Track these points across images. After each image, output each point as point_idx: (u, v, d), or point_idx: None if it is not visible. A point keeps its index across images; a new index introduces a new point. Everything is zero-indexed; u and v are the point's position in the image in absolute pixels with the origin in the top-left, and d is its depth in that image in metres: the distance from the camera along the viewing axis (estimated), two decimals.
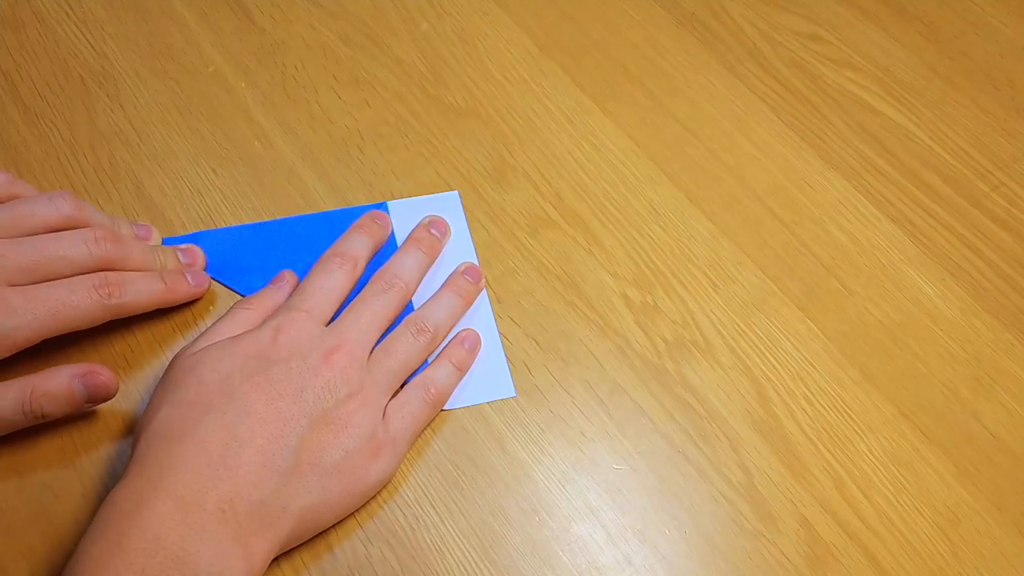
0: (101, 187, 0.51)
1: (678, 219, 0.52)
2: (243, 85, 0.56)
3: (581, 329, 0.48)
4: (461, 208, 0.51)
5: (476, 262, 0.50)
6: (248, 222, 0.50)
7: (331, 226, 0.50)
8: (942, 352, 0.48)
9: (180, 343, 0.46)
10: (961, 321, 0.49)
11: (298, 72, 0.56)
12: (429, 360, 0.46)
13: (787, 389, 0.46)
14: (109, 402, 0.45)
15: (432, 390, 0.44)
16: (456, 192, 0.52)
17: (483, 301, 0.48)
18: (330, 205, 0.51)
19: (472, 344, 0.47)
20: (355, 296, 0.46)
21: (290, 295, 0.46)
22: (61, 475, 0.43)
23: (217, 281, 0.49)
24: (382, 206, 0.51)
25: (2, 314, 0.40)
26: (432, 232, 0.49)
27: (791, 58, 0.58)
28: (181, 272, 0.47)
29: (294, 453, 0.39)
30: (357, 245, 0.48)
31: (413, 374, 0.45)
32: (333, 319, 0.45)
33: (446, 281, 0.48)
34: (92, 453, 0.43)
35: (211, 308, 0.48)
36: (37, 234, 0.44)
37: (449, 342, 0.46)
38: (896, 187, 0.53)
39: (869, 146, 0.54)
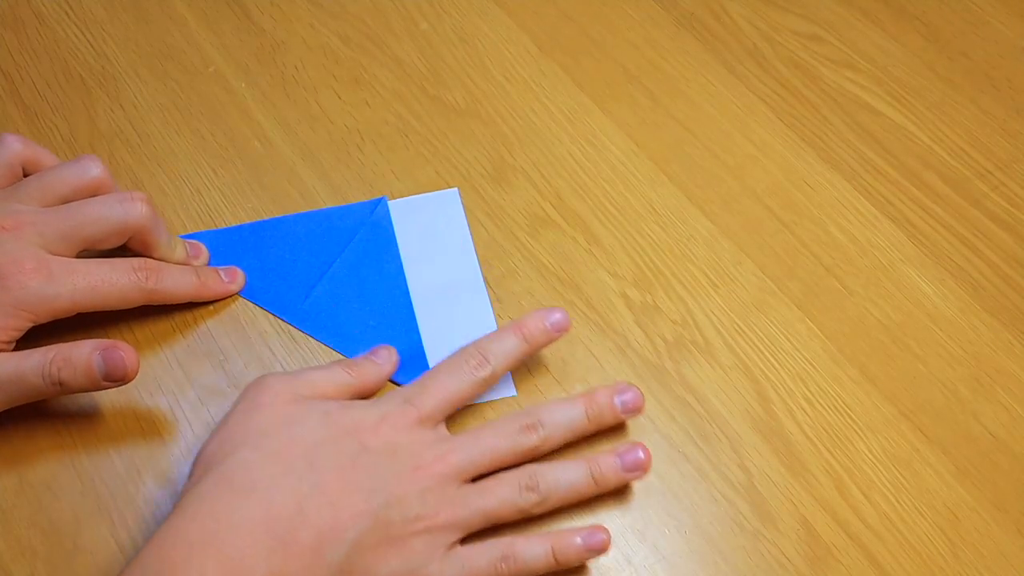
0: None
1: (678, 219, 0.52)
2: (243, 85, 0.56)
3: (581, 329, 0.48)
4: (461, 206, 0.51)
5: (476, 262, 0.50)
6: (248, 222, 0.51)
7: (330, 223, 0.50)
8: (942, 352, 0.48)
9: (180, 342, 0.47)
10: (961, 321, 0.49)
11: (298, 72, 0.56)
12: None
13: (787, 389, 0.46)
14: (109, 403, 0.45)
15: (511, 563, 0.39)
16: (455, 190, 0.52)
17: (483, 301, 0.48)
18: (330, 205, 0.51)
19: (588, 548, 0.40)
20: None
21: (411, 382, 0.43)
22: (61, 475, 0.43)
23: None
24: (381, 201, 0.51)
25: (44, 279, 0.41)
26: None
27: (791, 58, 0.58)
28: (215, 270, 0.48)
29: (349, 551, 0.37)
30: (501, 349, 0.43)
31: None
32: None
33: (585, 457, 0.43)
34: (92, 453, 0.43)
35: (210, 307, 0.48)
36: (70, 199, 0.44)
37: (563, 531, 0.40)
38: (896, 187, 0.53)
39: (869, 146, 0.54)
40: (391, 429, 0.40)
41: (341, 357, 0.46)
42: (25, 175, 0.46)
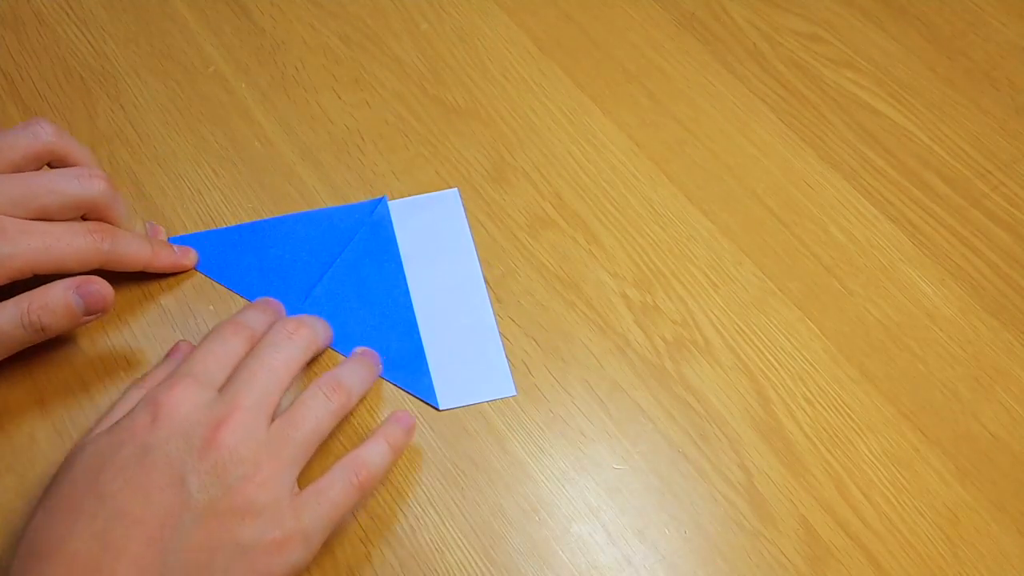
0: None
1: (678, 219, 0.52)
2: (243, 85, 0.56)
3: (581, 329, 0.48)
4: (461, 206, 0.51)
5: (476, 262, 0.50)
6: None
7: (330, 223, 0.50)
8: (942, 352, 0.48)
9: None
10: (961, 321, 0.49)
11: (298, 72, 0.56)
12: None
13: (787, 389, 0.46)
14: (108, 402, 0.45)
15: (363, 474, 0.38)
16: (455, 190, 0.52)
17: (483, 301, 0.48)
18: (330, 205, 0.51)
19: (409, 426, 0.42)
20: None
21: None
22: None
23: (218, 283, 0.49)
24: (381, 201, 0.51)
25: None
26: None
27: (791, 58, 0.58)
28: (169, 244, 0.47)
29: (178, 556, 0.33)
30: (253, 320, 0.42)
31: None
32: None
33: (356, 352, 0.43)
34: None
35: (210, 307, 0.48)
36: (22, 165, 0.43)
37: (386, 420, 0.41)
38: (895, 187, 0.53)
39: (869, 146, 0.54)
40: (168, 412, 0.36)
41: (342, 358, 0.46)
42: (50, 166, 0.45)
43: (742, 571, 0.42)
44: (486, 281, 0.49)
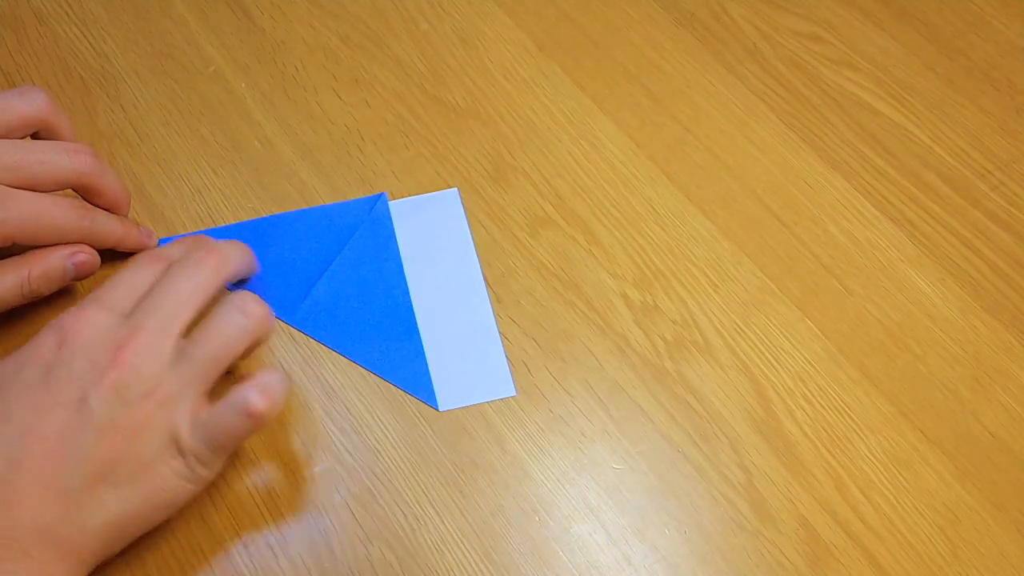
0: None
1: (678, 219, 0.52)
2: (243, 85, 0.56)
3: (581, 329, 0.48)
4: (461, 206, 0.51)
5: (476, 262, 0.50)
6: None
7: (329, 220, 0.50)
8: (942, 352, 0.48)
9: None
10: (961, 321, 0.49)
11: (298, 72, 0.56)
12: None
13: (787, 389, 0.46)
14: None
15: (258, 401, 0.37)
16: (455, 189, 0.52)
17: (483, 301, 0.48)
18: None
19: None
20: None
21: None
22: None
23: None
24: (380, 197, 0.51)
25: None
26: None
27: (791, 58, 0.58)
28: (136, 223, 0.48)
29: (81, 469, 0.35)
30: (171, 251, 0.42)
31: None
32: None
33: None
34: None
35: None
36: (12, 130, 0.43)
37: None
38: (896, 187, 0.53)
39: (869, 146, 0.54)
40: (73, 335, 0.36)
41: (342, 359, 0.46)
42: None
43: (742, 571, 0.42)
44: (486, 281, 0.49)
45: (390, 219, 0.51)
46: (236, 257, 0.42)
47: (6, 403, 0.36)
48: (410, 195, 0.52)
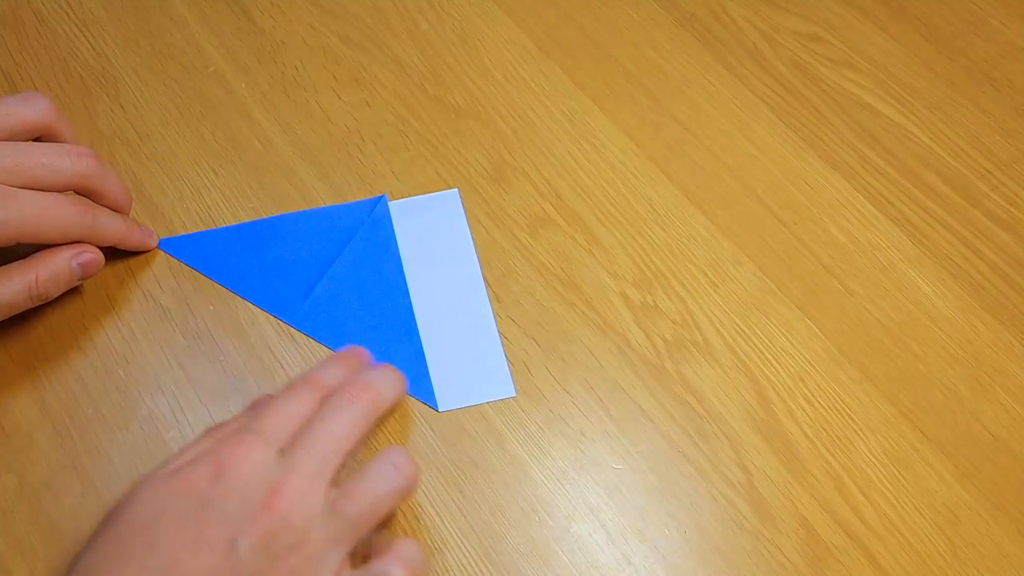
0: None
1: (678, 219, 0.52)
2: (243, 85, 0.56)
3: (581, 329, 0.48)
4: (461, 207, 0.51)
5: (476, 263, 0.50)
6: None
7: (329, 222, 0.50)
8: (942, 352, 0.48)
9: (180, 343, 0.47)
10: (961, 321, 0.49)
11: (298, 72, 0.56)
12: None
13: (787, 389, 0.46)
14: (109, 402, 0.45)
15: (410, 566, 0.36)
16: (456, 190, 0.52)
17: (483, 301, 0.48)
18: (330, 204, 0.51)
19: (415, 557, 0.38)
20: None
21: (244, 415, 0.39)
22: (61, 475, 0.43)
23: (218, 284, 0.49)
24: (381, 199, 0.51)
25: None
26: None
27: (791, 58, 0.58)
28: (137, 223, 0.48)
29: None
30: (330, 375, 0.40)
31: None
32: None
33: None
34: (92, 453, 0.43)
35: (210, 307, 0.48)
36: (15, 134, 0.43)
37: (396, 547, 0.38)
38: (896, 187, 0.53)
39: (869, 146, 0.54)
40: (231, 468, 0.35)
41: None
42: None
43: (742, 571, 0.42)
44: (486, 281, 0.49)
45: (390, 221, 0.51)
46: (391, 392, 0.40)
47: (157, 532, 0.34)
48: (410, 195, 0.52)
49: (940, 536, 0.42)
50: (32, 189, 0.43)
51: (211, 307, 0.48)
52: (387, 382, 0.40)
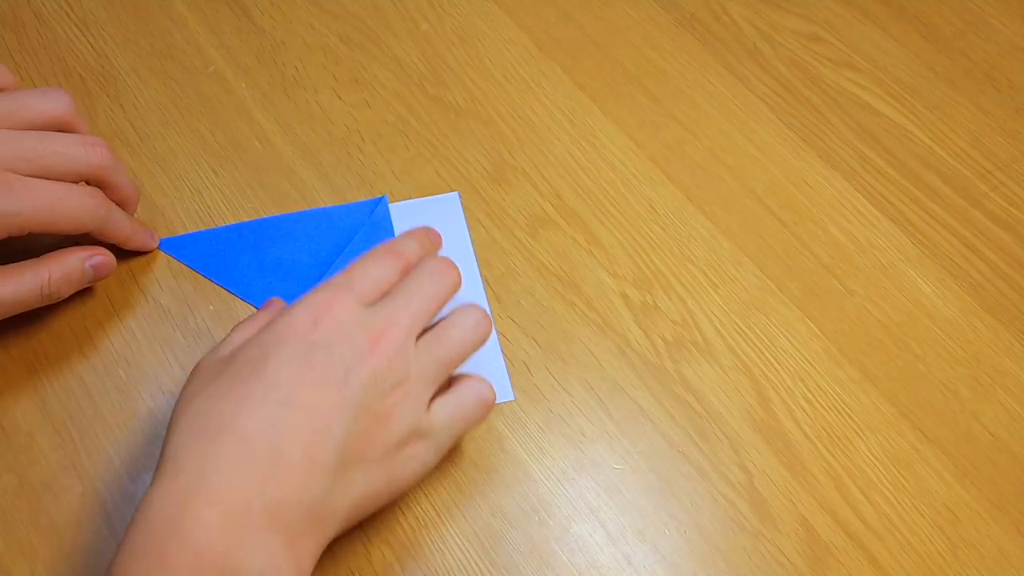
0: None
1: (677, 219, 0.52)
2: (243, 85, 0.56)
3: (581, 329, 0.48)
4: (461, 209, 0.51)
5: (476, 266, 0.50)
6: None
7: (329, 223, 0.50)
8: (942, 352, 0.48)
9: (180, 343, 0.47)
10: (960, 321, 0.49)
11: (298, 72, 0.56)
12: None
13: (787, 389, 0.46)
14: (110, 402, 0.45)
15: (488, 390, 0.41)
16: (456, 193, 0.52)
17: (482, 301, 0.48)
18: (330, 205, 0.51)
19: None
20: None
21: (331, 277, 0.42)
22: (61, 475, 0.43)
23: (218, 284, 0.49)
24: (381, 200, 0.51)
25: (4, 195, 0.41)
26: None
27: (791, 58, 0.58)
28: (143, 225, 0.49)
29: (341, 447, 0.36)
30: (409, 248, 0.43)
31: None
32: None
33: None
34: (92, 453, 0.43)
35: (210, 307, 0.48)
36: (34, 127, 0.44)
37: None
38: (896, 187, 0.53)
39: (869, 146, 0.54)
40: (330, 317, 0.38)
41: None
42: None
43: (742, 571, 0.42)
44: (486, 281, 0.49)
45: (390, 222, 0.51)
46: (460, 276, 0.43)
47: (269, 371, 0.36)
48: (410, 195, 0.52)
49: (940, 536, 0.42)
50: (46, 178, 0.43)
51: (211, 307, 0.48)
52: (456, 269, 0.43)
